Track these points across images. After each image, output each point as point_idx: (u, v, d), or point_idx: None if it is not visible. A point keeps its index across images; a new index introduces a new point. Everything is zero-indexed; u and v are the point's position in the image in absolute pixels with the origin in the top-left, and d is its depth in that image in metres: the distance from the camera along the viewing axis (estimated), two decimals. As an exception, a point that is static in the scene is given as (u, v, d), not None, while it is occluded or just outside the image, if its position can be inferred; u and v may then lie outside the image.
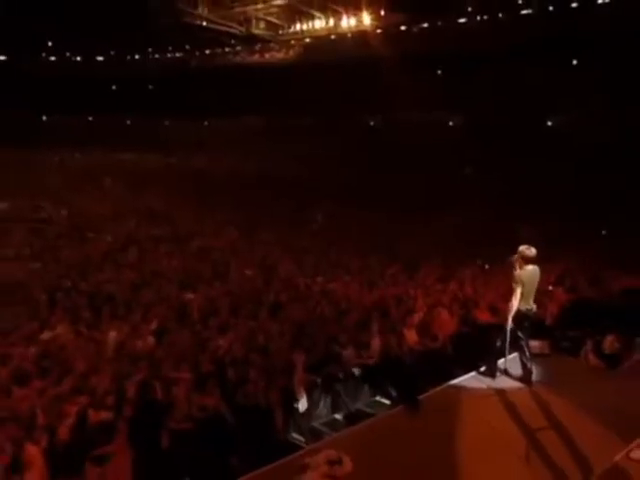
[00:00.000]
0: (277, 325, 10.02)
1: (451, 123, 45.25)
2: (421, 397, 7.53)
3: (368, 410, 8.72)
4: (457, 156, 35.67)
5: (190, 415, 7.61)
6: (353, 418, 8.40)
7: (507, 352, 8.37)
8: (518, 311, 8.19)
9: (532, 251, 8.33)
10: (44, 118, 61.23)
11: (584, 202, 22.88)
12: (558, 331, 10.51)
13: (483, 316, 10.77)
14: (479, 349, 9.78)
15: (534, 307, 8.48)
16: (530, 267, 8.28)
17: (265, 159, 43.77)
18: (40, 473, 6.24)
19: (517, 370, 8.10)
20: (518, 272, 8.29)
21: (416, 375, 9.16)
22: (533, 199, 23.53)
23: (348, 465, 5.69)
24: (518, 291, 8.19)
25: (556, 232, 17.83)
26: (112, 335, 9.75)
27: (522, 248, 8.39)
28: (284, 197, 27.78)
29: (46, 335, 9.74)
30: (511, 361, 8.33)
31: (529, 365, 8.04)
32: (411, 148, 40.01)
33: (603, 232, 18.45)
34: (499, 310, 10.85)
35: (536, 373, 8.04)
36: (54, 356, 8.88)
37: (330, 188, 30.17)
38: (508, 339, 8.25)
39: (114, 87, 63.07)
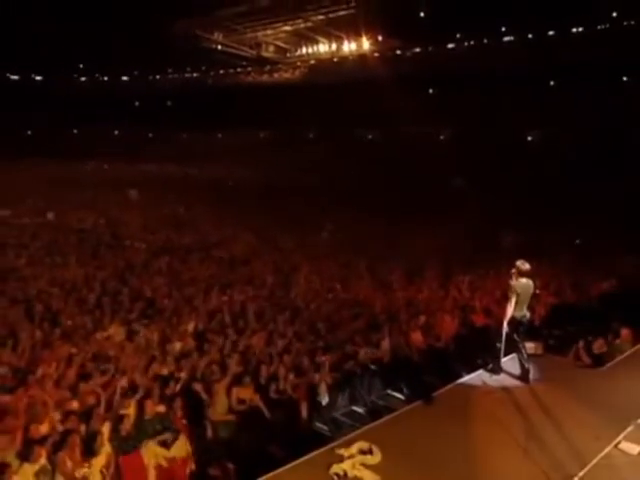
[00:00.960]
0: (299, 327, 10.14)
1: (442, 137, 45.36)
2: (435, 394, 7.65)
3: (381, 402, 8.89)
4: (447, 167, 35.55)
5: (230, 408, 7.82)
6: (368, 409, 8.64)
7: (502, 354, 8.51)
8: (513, 317, 8.36)
9: (526, 266, 8.52)
10: (75, 132, 61.18)
11: (561, 211, 22.87)
12: (546, 330, 10.78)
13: (479, 318, 10.91)
14: (476, 347, 10.07)
15: (527, 314, 8.65)
16: (524, 279, 8.45)
17: (273, 169, 43.61)
18: (108, 457, 6.47)
19: (516, 369, 8.24)
20: (514, 283, 8.45)
21: (423, 371, 9.47)
22: (516, 208, 23.34)
23: (378, 455, 5.86)
24: (513, 300, 8.35)
25: (538, 240, 17.86)
26: (156, 336, 9.95)
27: (518, 263, 8.60)
28: (294, 205, 27.51)
29: (100, 335, 9.84)
30: (510, 361, 8.47)
31: (527, 365, 8.18)
32: (405, 159, 40.19)
33: (577, 241, 18.24)
34: (493, 313, 11.14)
35: (532, 371, 8.18)
36: (108, 355, 9.03)
37: (333, 196, 30.05)
38: (504, 342, 8.41)
39: (137, 104, 63.23)
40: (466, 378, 8.16)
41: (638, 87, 35.24)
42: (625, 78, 37.90)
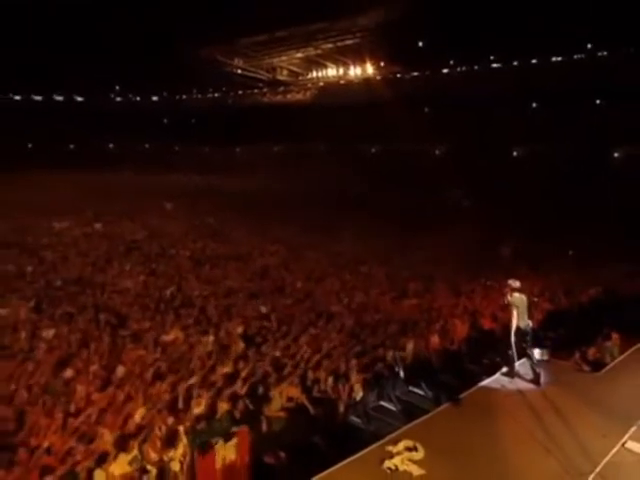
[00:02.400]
0: (337, 333, 10.20)
1: (437, 152, 45.37)
2: (461, 396, 7.75)
3: (404, 398, 9.03)
4: (441, 179, 35.57)
5: (282, 405, 8.10)
6: (393, 404, 8.84)
7: (515, 359, 8.68)
8: (518, 328, 8.58)
9: (517, 283, 8.89)
10: (110, 146, 61.42)
11: (549, 222, 22.91)
12: (543, 333, 10.93)
13: (486, 323, 11.11)
14: (485, 348, 10.32)
15: (530, 322, 8.86)
16: (517, 294, 8.73)
17: (286, 180, 43.69)
18: (185, 449, 6.65)
19: (528, 373, 8.38)
20: (511, 299, 8.73)
21: (440, 370, 9.74)
22: (509, 219, 23.33)
23: (421, 451, 6.05)
24: (515, 313, 8.58)
25: (532, 250, 17.90)
26: (211, 339, 10.13)
27: (510, 282, 8.96)
28: (309, 213, 27.36)
29: (165, 338, 9.91)
30: (521, 366, 8.61)
31: (537, 369, 8.32)
32: (404, 171, 40.32)
33: (570, 252, 18.20)
34: (499, 318, 11.34)
35: (542, 375, 8.25)
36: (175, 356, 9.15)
37: (344, 206, 30.00)
38: (515, 350, 8.58)
39: (165, 121, 63.38)
40: (486, 382, 8.22)
41: (611, 108, 35.42)
42: (598, 101, 38.20)
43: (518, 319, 8.60)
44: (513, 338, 8.60)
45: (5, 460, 6.15)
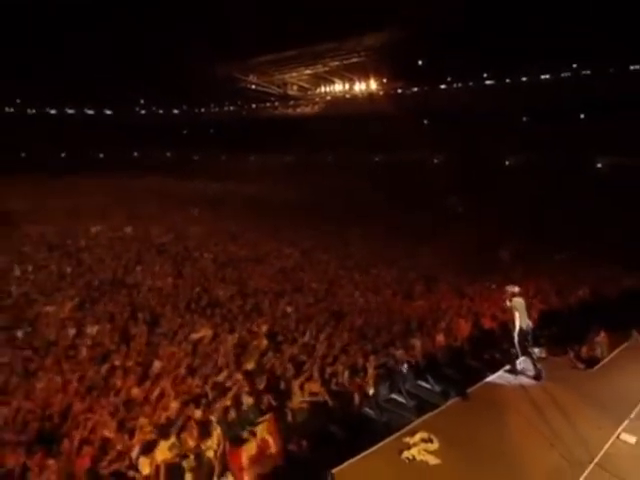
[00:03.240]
0: (349, 332, 10.20)
1: (436, 161, 45.32)
2: (469, 391, 7.72)
3: (412, 391, 9.07)
4: (440, 186, 35.57)
5: (304, 398, 8.20)
6: (403, 396, 8.89)
7: (519, 358, 8.72)
8: (520, 328, 8.60)
9: (515, 289, 8.96)
10: (135, 155, 61.72)
11: (541, 228, 22.85)
12: (539, 332, 10.96)
13: (487, 322, 11.14)
14: (486, 346, 10.36)
15: (530, 323, 8.87)
16: (516, 298, 8.80)
17: (297, 187, 43.62)
18: (218, 438, 6.76)
19: (529, 370, 8.39)
20: (511, 304, 8.77)
21: (445, 366, 9.81)
22: (504, 224, 23.30)
23: (436, 442, 6.09)
24: (517, 315, 8.62)
25: (526, 253, 17.90)
26: (235, 337, 10.20)
27: (508, 287, 9.03)
28: (318, 218, 27.26)
29: (194, 336, 9.91)
30: (523, 363, 8.63)
31: (538, 366, 8.35)
32: (405, 179, 40.35)
33: (556, 257, 18.12)
34: (498, 317, 11.38)
35: (542, 372, 8.27)
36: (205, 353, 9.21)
37: (351, 212, 30.01)
38: (518, 348, 8.64)
39: (185, 132, 63.63)
40: (490, 378, 8.21)
41: (592, 123, 35.48)
42: (582, 115, 38.27)
43: (520, 321, 8.65)
44: (516, 338, 8.65)
45: (53, 450, 6.23)
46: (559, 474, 5.49)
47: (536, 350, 9.00)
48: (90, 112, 61.41)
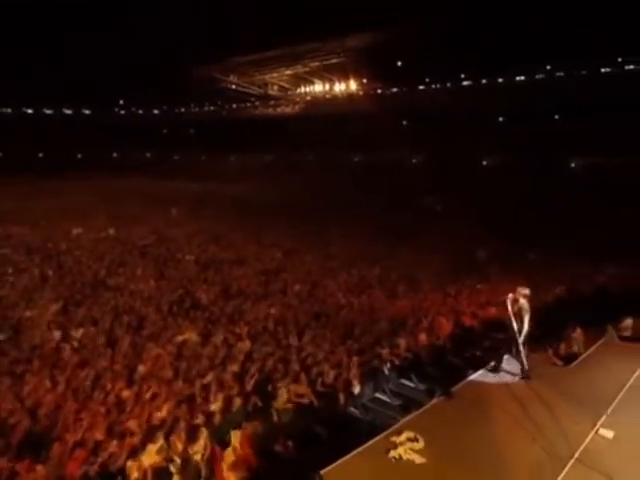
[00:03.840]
0: (334, 332, 10.19)
1: (414, 161, 45.65)
2: (453, 390, 7.76)
3: (396, 390, 9.15)
4: (418, 186, 35.86)
5: (290, 399, 8.20)
6: (387, 395, 9.00)
7: (525, 360, 8.36)
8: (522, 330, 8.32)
9: (526, 291, 8.53)
10: (114, 155, 60.86)
11: (517, 227, 23.14)
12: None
13: (468, 320, 11.29)
14: (467, 343, 10.48)
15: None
16: (523, 300, 8.43)
17: (278, 187, 43.51)
18: (205, 441, 6.72)
19: (514, 368, 8.33)
20: (523, 306, 8.35)
21: (427, 364, 9.90)
22: (480, 224, 23.50)
23: (422, 441, 6.12)
24: (526, 318, 8.28)
25: (503, 253, 18.08)
26: (220, 338, 10.15)
27: (520, 289, 8.52)
28: (299, 218, 27.19)
29: (179, 338, 9.85)
30: (506, 362, 8.59)
31: (526, 365, 8.22)
32: (385, 179, 40.57)
33: (531, 256, 18.34)
34: (478, 316, 11.52)
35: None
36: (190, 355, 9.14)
37: (331, 211, 29.97)
38: (522, 349, 8.32)
39: (165, 131, 62.94)
40: (473, 376, 8.26)
41: (566, 124, 36.22)
42: (557, 116, 39.03)
43: (528, 323, 8.34)
44: (522, 339, 8.32)
45: (43, 454, 6.15)
46: (541, 470, 5.59)
47: (515, 347, 9.10)
48: (68, 112, 60.29)
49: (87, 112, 61.33)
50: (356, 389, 8.87)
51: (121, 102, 62.03)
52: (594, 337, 10.15)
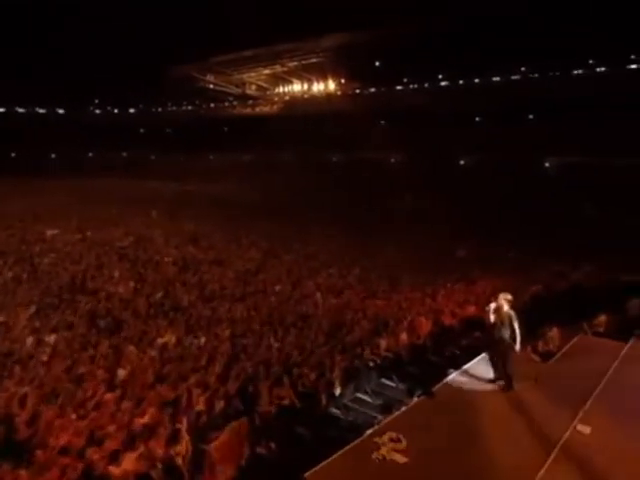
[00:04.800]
0: (315, 333, 10.14)
1: (392, 160, 45.88)
2: (434, 390, 7.81)
3: (377, 389, 9.16)
4: (397, 185, 36.19)
5: (271, 401, 8.16)
6: (368, 395, 9.03)
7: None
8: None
9: (509, 296, 8.16)
10: (90, 154, 59.79)
11: (496, 226, 23.41)
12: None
13: (447, 319, 11.38)
14: (446, 342, 10.59)
15: None
16: (507, 306, 8.05)
17: (256, 187, 43.38)
18: (187, 445, 6.64)
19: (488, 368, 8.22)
20: (510, 312, 7.97)
21: (408, 363, 9.96)
22: (458, 223, 23.79)
23: (404, 442, 6.16)
24: (516, 324, 7.89)
25: (482, 252, 18.27)
26: (202, 340, 10.05)
27: (504, 295, 8.12)
28: (278, 218, 27.12)
29: (159, 341, 9.69)
30: (481, 362, 8.59)
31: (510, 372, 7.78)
32: (363, 178, 40.75)
33: (510, 254, 18.53)
34: (457, 314, 11.63)
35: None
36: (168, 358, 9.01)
37: (310, 211, 29.98)
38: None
39: (142, 131, 62.16)
40: (452, 376, 8.33)
41: (540, 125, 36.91)
42: (531, 116, 39.72)
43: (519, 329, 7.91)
44: (518, 347, 7.86)
45: (23, 460, 6.01)
46: (521, 466, 5.67)
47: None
48: (41, 111, 59.01)
49: (61, 111, 60.06)
50: (337, 390, 8.92)
51: (96, 101, 60.92)
52: (570, 334, 10.38)
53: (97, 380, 8.02)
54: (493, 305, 8.00)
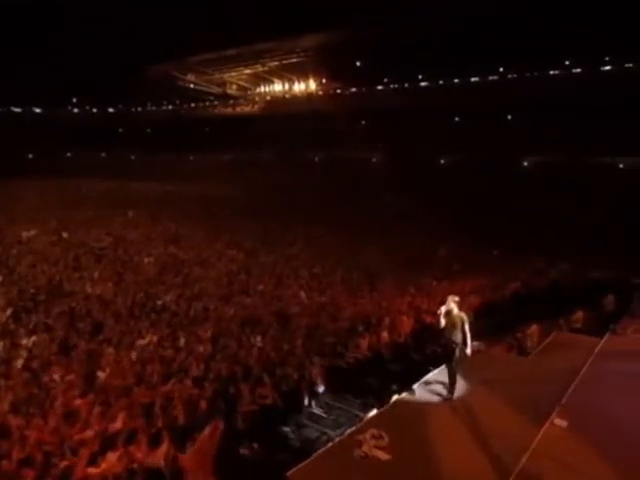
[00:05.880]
0: (292, 333, 10.17)
1: (374, 160, 46.03)
2: (414, 387, 7.81)
3: (359, 387, 9.08)
4: (378, 185, 36.35)
5: (254, 400, 8.14)
6: (350, 394, 9.06)
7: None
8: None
9: (457, 297, 7.86)
10: (68, 154, 58.76)
11: (474, 225, 23.63)
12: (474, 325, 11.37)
13: (427, 318, 11.50)
14: (427, 340, 10.67)
15: None
16: (457, 309, 7.71)
17: (237, 187, 43.15)
18: (168, 447, 6.54)
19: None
20: (460, 313, 7.71)
21: (389, 361, 10.03)
22: (439, 222, 23.98)
23: (386, 438, 6.14)
24: (467, 326, 7.63)
25: (463, 251, 18.42)
26: (182, 341, 9.97)
27: (452, 297, 7.79)
28: (260, 218, 26.98)
29: (140, 343, 9.61)
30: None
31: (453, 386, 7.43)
32: (345, 177, 40.82)
33: (495, 252, 18.71)
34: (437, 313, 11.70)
35: (478, 364, 8.28)
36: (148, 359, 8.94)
37: (293, 211, 29.95)
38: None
39: (121, 131, 61.39)
40: (432, 374, 8.35)
41: (519, 124, 37.41)
42: (510, 117, 40.27)
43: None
44: (469, 350, 7.61)
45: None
46: (501, 459, 5.73)
47: (475, 343, 9.24)
48: (17, 110, 57.79)
49: (38, 110, 58.92)
50: (320, 388, 8.94)
51: (74, 100, 59.88)
52: (548, 330, 10.56)
53: (73, 384, 7.90)
54: (443, 309, 7.70)
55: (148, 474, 6.35)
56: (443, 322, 7.67)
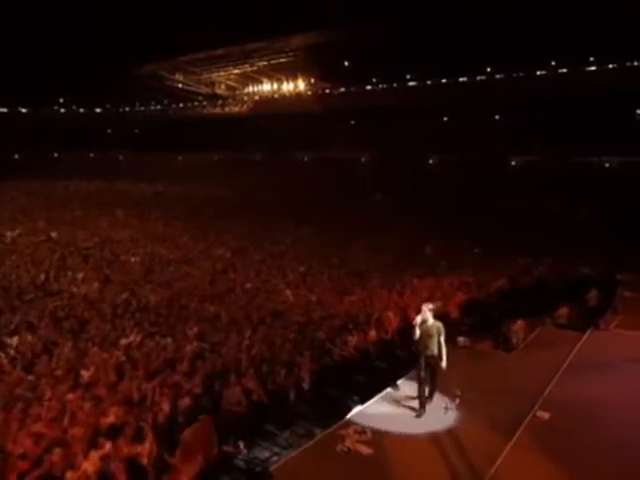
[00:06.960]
0: (284, 330, 10.11)
1: (362, 159, 46.21)
2: (399, 382, 7.94)
3: (344, 384, 9.15)
4: (366, 184, 36.45)
5: (239, 399, 8.11)
6: (337, 391, 9.11)
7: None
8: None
9: (432, 305, 7.70)
10: (55, 155, 58.29)
11: (461, 222, 23.76)
12: (460, 321, 11.45)
13: (413, 315, 11.55)
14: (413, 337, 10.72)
15: None
16: (432, 318, 7.46)
17: (226, 186, 42.96)
18: (151, 444, 6.50)
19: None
20: (437, 323, 7.40)
21: (376, 359, 10.04)
22: (427, 220, 24.08)
23: (369, 433, 6.25)
24: (443, 338, 7.25)
25: (447, 248, 18.54)
26: (169, 340, 9.91)
27: (426, 305, 7.58)
28: (248, 217, 26.95)
29: (125, 341, 9.49)
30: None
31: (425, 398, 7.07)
32: (333, 177, 40.89)
33: (476, 250, 18.87)
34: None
35: (464, 360, 8.42)
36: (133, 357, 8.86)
37: (281, 209, 29.91)
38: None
39: (109, 131, 61.06)
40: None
41: (505, 125, 37.80)
42: (497, 117, 40.68)
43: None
44: (445, 364, 7.17)
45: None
46: (484, 449, 5.82)
47: (460, 339, 9.36)
48: (3, 110, 57.22)
49: (24, 110, 58.40)
50: (306, 385, 8.92)
51: (61, 100, 59.43)
52: (532, 325, 10.66)
53: (61, 381, 7.83)
54: (419, 318, 7.36)
55: (132, 470, 6.34)
56: (418, 333, 7.25)
